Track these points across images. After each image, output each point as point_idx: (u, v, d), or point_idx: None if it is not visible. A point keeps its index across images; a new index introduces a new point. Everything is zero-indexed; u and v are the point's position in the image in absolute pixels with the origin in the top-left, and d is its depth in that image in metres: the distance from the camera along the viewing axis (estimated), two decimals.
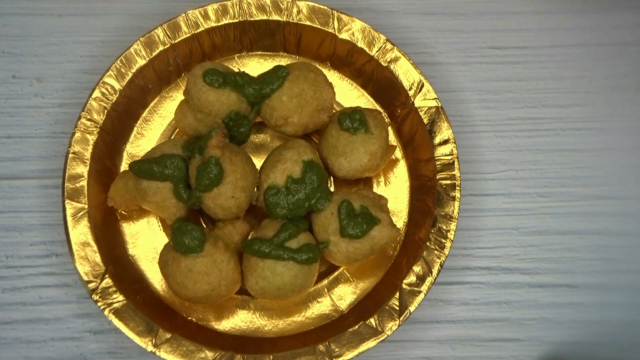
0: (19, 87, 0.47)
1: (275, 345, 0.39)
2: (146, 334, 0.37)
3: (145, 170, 0.39)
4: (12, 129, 0.46)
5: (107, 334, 0.42)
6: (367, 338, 0.38)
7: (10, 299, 0.42)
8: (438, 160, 0.42)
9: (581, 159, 0.47)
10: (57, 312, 0.42)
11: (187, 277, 0.37)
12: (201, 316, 0.41)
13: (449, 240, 0.40)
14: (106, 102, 0.42)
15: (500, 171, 0.47)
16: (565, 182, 0.47)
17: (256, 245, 0.37)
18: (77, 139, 0.41)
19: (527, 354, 0.43)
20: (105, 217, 0.41)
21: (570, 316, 0.44)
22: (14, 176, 0.45)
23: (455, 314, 0.44)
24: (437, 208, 0.41)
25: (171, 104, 0.45)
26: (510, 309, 0.44)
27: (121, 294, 0.38)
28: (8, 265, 0.43)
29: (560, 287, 0.45)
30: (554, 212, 0.46)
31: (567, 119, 0.48)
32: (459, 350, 0.43)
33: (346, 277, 0.42)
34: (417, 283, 0.39)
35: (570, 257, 0.45)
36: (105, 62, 0.44)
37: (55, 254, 0.43)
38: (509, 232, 0.46)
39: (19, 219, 0.44)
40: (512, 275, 0.45)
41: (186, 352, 0.37)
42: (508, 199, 0.46)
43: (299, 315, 0.41)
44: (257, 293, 0.38)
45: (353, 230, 0.38)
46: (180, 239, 0.37)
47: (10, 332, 0.42)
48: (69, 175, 0.40)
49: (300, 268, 0.37)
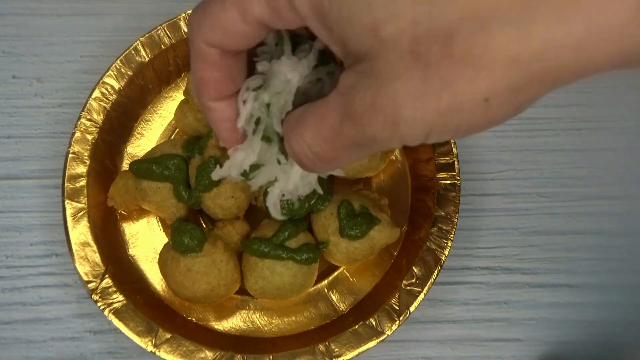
0: (19, 87, 0.47)
1: (275, 345, 0.39)
2: (146, 334, 0.37)
3: (145, 170, 0.39)
4: (12, 129, 0.46)
5: (107, 334, 0.42)
6: (367, 338, 0.38)
7: (10, 299, 0.42)
8: (438, 160, 0.42)
9: (581, 159, 0.47)
10: (57, 312, 0.42)
11: (186, 276, 0.37)
12: (201, 316, 0.41)
13: (449, 240, 0.40)
14: (106, 102, 0.42)
15: (500, 171, 0.47)
16: (565, 182, 0.47)
17: (255, 245, 0.37)
18: (77, 139, 0.41)
19: (527, 354, 0.43)
20: (105, 217, 0.41)
21: (570, 316, 0.44)
22: (14, 176, 0.45)
23: (455, 314, 0.44)
24: (437, 208, 0.41)
25: (171, 104, 0.45)
26: (510, 309, 0.44)
27: (121, 294, 0.38)
28: (8, 265, 0.43)
29: (560, 287, 0.45)
30: (554, 212, 0.46)
31: (567, 119, 0.48)
32: (459, 350, 0.43)
33: (346, 277, 0.42)
34: (417, 283, 0.39)
35: (570, 257, 0.45)
36: (105, 62, 0.44)
37: (55, 254, 0.43)
38: (509, 232, 0.46)
39: (19, 219, 0.44)
40: (512, 275, 0.45)
41: (186, 352, 0.37)
42: (508, 199, 0.46)
43: (299, 315, 0.41)
44: (257, 293, 0.38)
45: (353, 230, 0.38)
46: (180, 239, 0.37)
47: (10, 332, 0.42)
48: (69, 175, 0.40)
49: (300, 268, 0.37)
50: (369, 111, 0.20)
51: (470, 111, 0.19)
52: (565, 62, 0.18)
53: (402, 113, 0.19)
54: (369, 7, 0.19)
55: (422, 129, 0.20)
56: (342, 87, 0.21)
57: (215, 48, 0.23)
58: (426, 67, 0.19)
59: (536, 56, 0.18)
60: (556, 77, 0.19)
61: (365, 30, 0.19)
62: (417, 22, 0.18)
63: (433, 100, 0.19)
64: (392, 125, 0.20)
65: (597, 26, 0.17)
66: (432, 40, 0.18)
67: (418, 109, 0.19)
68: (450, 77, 0.19)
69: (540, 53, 0.18)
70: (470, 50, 0.18)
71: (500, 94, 0.19)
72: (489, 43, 0.18)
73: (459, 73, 0.18)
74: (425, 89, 0.19)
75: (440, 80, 0.19)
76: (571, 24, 0.17)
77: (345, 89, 0.21)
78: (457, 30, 0.18)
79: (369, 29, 0.19)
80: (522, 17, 0.18)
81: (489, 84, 0.19)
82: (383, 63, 0.19)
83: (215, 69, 0.24)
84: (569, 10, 0.17)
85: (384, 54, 0.19)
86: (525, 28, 0.18)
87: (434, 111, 0.19)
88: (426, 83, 0.19)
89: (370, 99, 0.20)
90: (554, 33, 0.18)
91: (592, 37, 0.18)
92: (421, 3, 0.18)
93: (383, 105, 0.20)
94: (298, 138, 0.23)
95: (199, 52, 0.23)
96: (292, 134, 0.23)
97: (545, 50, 0.18)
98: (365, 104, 0.20)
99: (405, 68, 0.19)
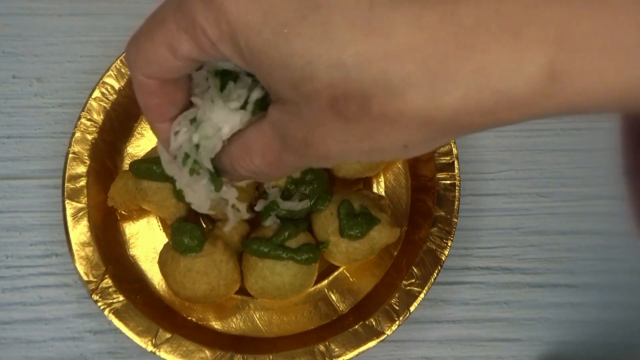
0: (19, 87, 0.47)
1: (275, 345, 0.39)
2: (146, 334, 0.37)
3: (145, 170, 0.39)
4: (12, 129, 0.46)
5: (107, 334, 0.42)
6: (367, 338, 0.38)
7: (10, 299, 0.42)
8: (438, 160, 0.42)
9: (581, 159, 0.47)
10: (57, 312, 0.42)
11: (186, 276, 0.37)
12: (201, 316, 0.41)
13: (449, 240, 0.40)
14: (106, 102, 0.42)
15: (500, 171, 0.47)
16: (565, 182, 0.47)
17: (255, 245, 0.37)
18: (77, 139, 0.41)
19: (527, 354, 0.43)
20: (105, 217, 0.41)
21: (570, 316, 0.44)
22: (14, 176, 0.45)
23: (455, 314, 0.44)
24: (437, 208, 0.41)
25: None
26: (510, 309, 0.44)
27: (121, 294, 0.38)
28: (8, 265, 0.43)
29: (560, 287, 0.45)
30: (554, 212, 0.46)
31: (567, 119, 0.48)
32: (459, 350, 0.43)
33: (346, 277, 0.42)
34: (417, 283, 0.39)
35: (570, 257, 0.45)
36: (105, 62, 0.44)
37: (55, 254, 0.43)
38: (509, 232, 0.46)
39: (19, 219, 0.44)
40: (512, 275, 0.45)
41: (186, 352, 0.37)
42: (508, 199, 0.46)
43: (299, 315, 0.41)
44: (257, 293, 0.38)
45: (353, 230, 0.38)
46: (180, 238, 0.37)
47: (10, 332, 0.42)
48: (69, 175, 0.40)
49: (300, 268, 0.37)
50: (302, 147, 0.22)
51: (391, 152, 0.22)
52: (476, 122, 0.19)
53: (332, 150, 0.22)
54: (286, 67, 0.20)
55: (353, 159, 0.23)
56: (273, 120, 0.23)
57: (154, 79, 0.24)
58: (347, 120, 0.20)
59: (448, 120, 0.19)
60: (468, 130, 0.20)
61: (285, 84, 0.21)
62: (333, 84, 0.19)
63: (357, 145, 0.21)
64: (325, 160, 0.23)
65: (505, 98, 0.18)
66: (350, 101, 0.20)
67: (345, 149, 0.21)
68: (370, 130, 0.20)
69: (451, 118, 0.19)
70: (386, 112, 0.19)
71: (417, 143, 0.21)
72: (403, 108, 0.19)
73: (378, 128, 0.20)
74: (349, 137, 0.21)
75: (362, 132, 0.20)
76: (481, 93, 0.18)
77: (276, 123, 0.23)
78: (372, 94, 0.19)
79: (289, 84, 0.20)
80: (433, 86, 0.19)
81: (406, 137, 0.20)
82: (307, 111, 0.21)
83: (155, 96, 0.25)
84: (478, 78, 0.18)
85: (306, 105, 0.21)
86: (437, 97, 0.19)
87: (359, 152, 0.22)
88: (349, 132, 0.21)
89: (302, 137, 0.22)
90: (464, 103, 0.19)
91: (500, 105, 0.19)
92: (336, 68, 0.19)
93: (314, 143, 0.22)
94: (249, 163, 0.25)
95: (139, 83, 0.25)
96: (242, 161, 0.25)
97: (457, 115, 0.19)
98: (298, 141, 0.22)
99: (328, 119, 0.20)
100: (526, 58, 0.18)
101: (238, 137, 0.25)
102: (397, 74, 0.19)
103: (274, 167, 0.25)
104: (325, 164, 0.24)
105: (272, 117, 0.23)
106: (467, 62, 0.18)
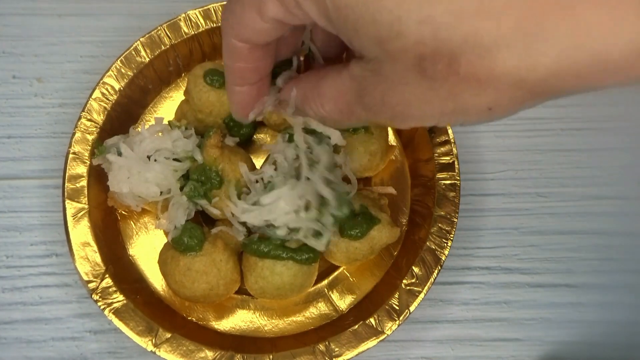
0: (19, 87, 0.47)
1: (275, 345, 0.39)
2: (146, 334, 0.37)
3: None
4: (12, 129, 0.46)
5: (107, 334, 0.42)
6: (367, 338, 0.38)
7: (10, 298, 0.42)
8: (438, 160, 0.42)
9: (581, 159, 0.47)
10: (57, 312, 0.42)
11: (186, 275, 0.37)
12: (201, 316, 0.41)
13: (449, 240, 0.40)
14: (106, 102, 0.42)
15: (500, 171, 0.47)
16: (565, 182, 0.47)
17: (255, 245, 0.37)
18: (77, 139, 0.41)
19: (527, 354, 0.43)
20: (105, 217, 0.41)
21: (570, 316, 0.44)
22: (14, 176, 0.45)
23: (455, 314, 0.44)
24: (437, 208, 0.41)
25: (171, 104, 0.45)
26: (510, 309, 0.44)
27: (121, 294, 0.38)
28: (8, 265, 0.43)
29: (560, 287, 0.45)
30: (554, 212, 0.46)
31: (567, 119, 0.48)
32: (459, 350, 0.43)
33: (346, 277, 0.42)
34: (417, 283, 0.39)
35: (570, 257, 0.45)
36: (105, 62, 0.44)
37: (56, 254, 0.43)
38: (509, 232, 0.46)
39: (19, 219, 0.44)
40: (512, 275, 0.45)
41: (186, 351, 0.37)
42: (508, 199, 0.46)
43: (299, 315, 0.41)
44: (257, 292, 0.38)
45: (353, 230, 0.38)
46: (179, 238, 0.37)
47: (11, 332, 0.42)
48: (69, 175, 0.40)
49: (300, 267, 0.37)
50: (378, 105, 0.22)
51: (474, 115, 0.21)
52: (568, 85, 0.19)
53: (412, 112, 0.21)
54: (374, 23, 0.20)
55: (429, 123, 0.22)
56: (353, 73, 0.23)
57: (245, 43, 0.26)
58: (432, 80, 0.20)
59: (540, 82, 0.19)
60: (558, 94, 0.20)
61: (371, 42, 0.20)
62: (422, 42, 0.19)
63: (440, 105, 0.21)
64: (401, 120, 0.22)
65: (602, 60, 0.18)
66: (437, 59, 0.19)
67: (426, 110, 0.21)
68: (456, 90, 0.20)
69: (544, 79, 0.19)
70: (475, 72, 0.19)
71: (503, 105, 0.20)
72: (493, 69, 0.19)
73: (465, 88, 0.19)
74: (432, 97, 0.20)
75: (447, 92, 0.20)
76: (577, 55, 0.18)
77: (356, 77, 0.23)
78: (461, 53, 0.19)
79: (375, 41, 0.20)
80: (528, 46, 0.18)
81: (493, 98, 0.20)
82: (390, 69, 0.21)
83: (242, 60, 0.27)
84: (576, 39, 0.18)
85: (390, 62, 0.20)
86: (531, 57, 0.18)
87: (441, 113, 0.21)
88: (433, 91, 0.20)
89: (379, 96, 0.22)
90: (558, 65, 0.18)
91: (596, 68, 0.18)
92: (426, 24, 0.19)
93: (392, 103, 0.22)
94: (319, 107, 0.26)
95: (230, 47, 0.26)
96: (312, 102, 0.26)
97: (549, 77, 0.18)
98: (375, 99, 0.22)
99: (412, 78, 0.20)
100: (628, 18, 0.17)
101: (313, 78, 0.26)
102: (489, 32, 0.18)
103: (344, 116, 0.25)
104: (397, 124, 0.23)
105: (353, 71, 0.23)
106: (564, 22, 0.17)
